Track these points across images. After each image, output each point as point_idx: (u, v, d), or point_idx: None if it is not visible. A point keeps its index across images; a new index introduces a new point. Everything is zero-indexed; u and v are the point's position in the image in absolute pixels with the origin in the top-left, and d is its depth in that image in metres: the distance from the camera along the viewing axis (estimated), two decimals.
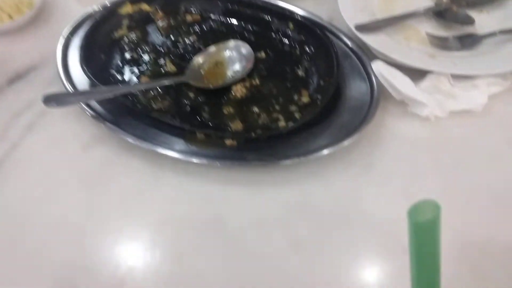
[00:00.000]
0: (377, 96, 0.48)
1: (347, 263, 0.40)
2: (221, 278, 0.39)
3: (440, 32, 0.55)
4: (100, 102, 0.48)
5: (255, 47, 0.54)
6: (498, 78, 0.49)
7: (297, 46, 0.55)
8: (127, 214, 0.43)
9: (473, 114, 0.49)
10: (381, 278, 0.39)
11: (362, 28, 0.53)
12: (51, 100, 0.44)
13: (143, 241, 0.41)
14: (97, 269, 0.40)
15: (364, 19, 0.54)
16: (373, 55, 0.52)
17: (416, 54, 0.51)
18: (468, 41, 0.53)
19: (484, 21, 0.57)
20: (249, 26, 0.58)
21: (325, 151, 0.44)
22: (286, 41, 0.56)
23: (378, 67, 0.48)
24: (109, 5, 0.58)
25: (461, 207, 0.43)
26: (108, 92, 0.46)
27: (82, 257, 0.40)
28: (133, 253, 0.41)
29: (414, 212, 0.14)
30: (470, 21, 0.55)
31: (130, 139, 0.45)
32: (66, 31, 0.55)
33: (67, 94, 0.46)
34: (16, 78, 0.55)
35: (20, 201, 0.44)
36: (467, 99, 0.48)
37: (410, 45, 0.53)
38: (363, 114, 0.47)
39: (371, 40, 0.52)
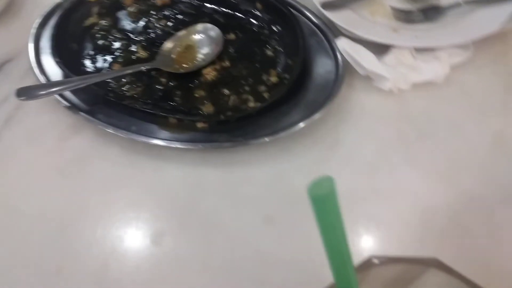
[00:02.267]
0: (342, 72, 0.49)
1: (319, 238, 0.42)
2: (200, 257, 0.41)
3: (405, 5, 0.56)
4: (74, 92, 0.50)
5: (224, 29, 0.55)
6: (459, 49, 0.51)
7: (265, 26, 0.56)
8: (107, 200, 0.45)
9: (435, 85, 0.50)
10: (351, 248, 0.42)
11: (327, 5, 0.54)
12: (23, 94, 0.45)
13: (124, 225, 0.43)
14: (81, 254, 0.41)
15: None
16: (338, 31, 0.53)
17: (380, 29, 0.52)
18: (432, 13, 0.54)
19: None
20: (218, 8, 0.58)
21: (293, 128, 0.46)
22: (254, 21, 0.57)
23: (342, 44, 0.50)
24: None
25: (423, 175, 0.45)
26: (79, 82, 0.47)
27: (65, 244, 0.42)
28: (114, 236, 0.43)
29: (313, 187, 0.16)
30: None
31: (105, 128, 0.47)
32: (36, 22, 0.56)
33: (38, 87, 0.47)
34: None
35: (1, 193, 0.46)
36: (429, 71, 0.49)
37: (375, 19, 0.54)
38: (329, 91, 0.48)
39: (337, 17, 0.53)
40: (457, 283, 0.20)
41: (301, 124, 0.46)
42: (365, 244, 0.41)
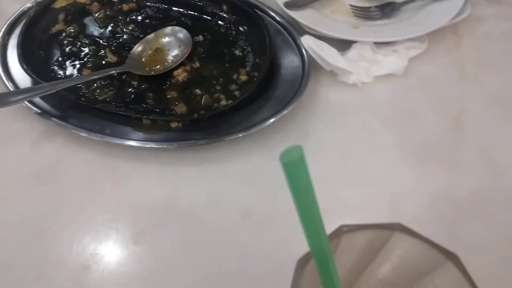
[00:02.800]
0: (308, 69, 0.52)
1: (294, 226, 0.44)
2: (180, 253, 0.42)
3: (363, 3, 0.60)
4: (45, 99, 0.50)
5: (192, 31, 0.56)
6: (416, 42, 0.54)
7: (232, 27, 0.58)
8: (84, 203, 0.45)
9: (395, 77, 0.54)
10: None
11: (290, 5, 0.56)
12: None
13: (103, 227, 0.43)
14: (61, 259, 0.41)
15: None
16: (303, 30, 0.55)
17: (341, 26, 0.55)
18: (388, 10, 0.58)
19: None
20: (185, 11, 0.60)
21: (264, 123, 0.48)
22: (221, 23, 0.58)
23: (307, 41, 0.52)
24: (42, 0, 0.58)
25: (389, 162, 0.48)
26: (49, 87, 0.47)
27: (44, 249, 0.42)
28: (94, 239, 0.43)
29: (284, 155, 0.18)
30: None
31: (78, 132, 0.47)
32: (2, 30, 0.55)
33: (7, 94, 0.46)
34: None
35: None
36: (389, 64, 0.53)
37: (336, 17, 0.57)
38: (297, 86, 0.51)
39: (300, 15, 0.55)
40: (420, 245, 0.22)
41: (272, 119, 0.48)
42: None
